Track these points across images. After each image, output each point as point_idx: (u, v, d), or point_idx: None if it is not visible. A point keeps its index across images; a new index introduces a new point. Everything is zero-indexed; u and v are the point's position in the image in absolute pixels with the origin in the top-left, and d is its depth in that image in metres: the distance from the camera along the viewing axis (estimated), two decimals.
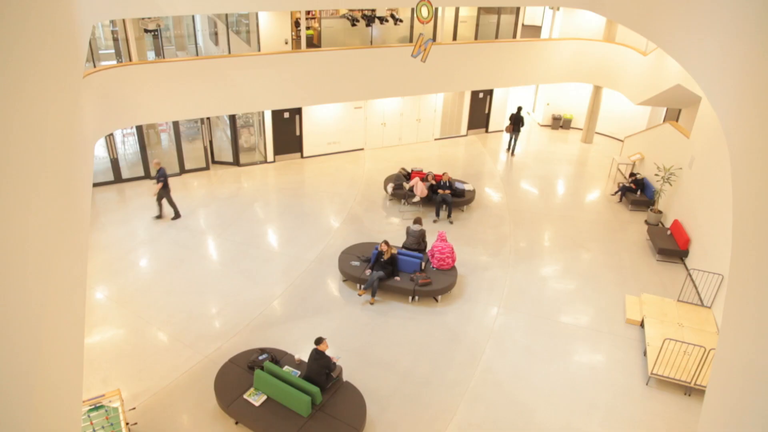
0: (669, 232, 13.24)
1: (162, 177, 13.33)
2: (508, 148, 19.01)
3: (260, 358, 8.75)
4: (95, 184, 14.86)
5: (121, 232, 13.16)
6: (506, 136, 19.83)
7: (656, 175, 14.47)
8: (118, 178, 15.47)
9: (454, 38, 18.06)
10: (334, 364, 8.45)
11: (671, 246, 12.76)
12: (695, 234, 12.44)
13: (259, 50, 15.07)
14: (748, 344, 4.41)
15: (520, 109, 18.65)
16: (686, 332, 10.04)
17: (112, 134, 14.90)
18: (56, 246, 4.30)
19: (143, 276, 11.68)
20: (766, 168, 5.03)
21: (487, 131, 20.36)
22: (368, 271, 11.10)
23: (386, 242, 11.14)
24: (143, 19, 14.69)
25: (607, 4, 14.27)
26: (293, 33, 15.64)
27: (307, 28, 16.11)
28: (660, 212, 14.34)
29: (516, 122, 18.48)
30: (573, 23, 18.99)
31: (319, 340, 8.31)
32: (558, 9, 19.11)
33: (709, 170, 12.18)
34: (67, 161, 5.46)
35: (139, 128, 15.30)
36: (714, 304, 10.75)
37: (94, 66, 13.67)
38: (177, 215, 13.82)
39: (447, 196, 14.16)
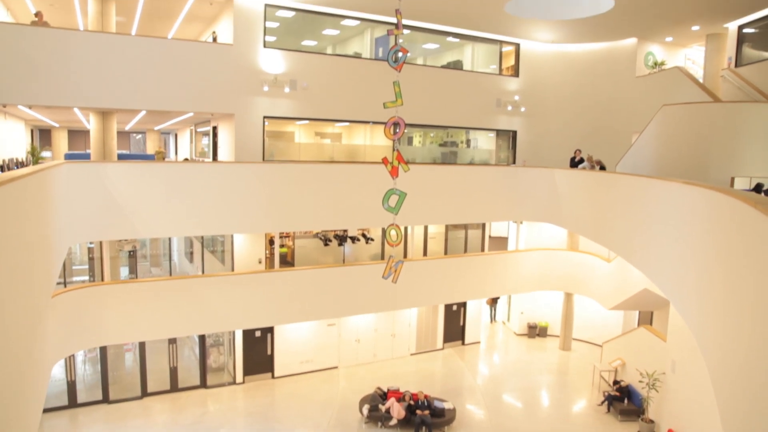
0: None
1: None
2: (491, 319, 22.42)
3: None
4: (45, 410, 13.71)
5: None
6: (487, 307, 22.34)
7: (640, 381, 14.03)
8: (72, 403, 14.36)
9: (425, 254, 18.72)
10: None
11: None
12: None
13: (233, 269, 15.28)
14: None
15: None
16: None
17: (73, 354, 14.22)
18: None
19: None
20: (744, 371, 4.86)
21: (463, 343, 20.04)
22: None
23: None
24: (120, 240, 15.07)
25: (566, 218, 15.31)
26: (267, 251, 16.07)
27: (281, 245, 16.62)
28: (652, 421, 13.58)
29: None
30: (537, 233, 20.01)
31: None
32: (521, 222, 20.31)
33: (692, 373, 11.86)
34: (18, 388, 5.02)
35: (103, 348, 14.68)
36: None
37: (65, 285, 13.58)
38: None
39: (426, 417, 13.33)
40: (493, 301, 22.47)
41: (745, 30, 15.82)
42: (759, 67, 15.09)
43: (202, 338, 15.94)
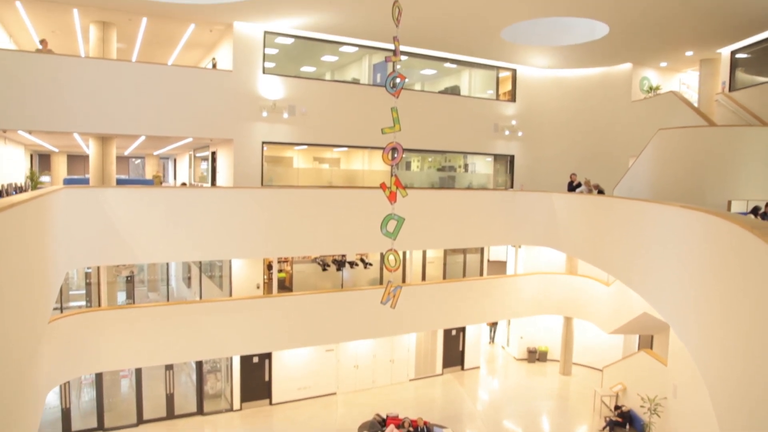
0: None
1: None
2: (491, 340, 22.69)
3: None
4: None
5: None
6: (486, 328, 22.65)
7: (642, 406, 13.88)
8: (67, 431, 14.11)
9: (423, 278, 18.67)
10: None
11: None
12: None
13: (231, 295, 15.21)
14: None
15: None
16: None
17: (68, 381, 14.06)
18: None
19: None
20: (743, 394, 4.83)
21: (462, 369, 19.86)
22: None
23: None
24: (117, 265, 15.02)
25: (564, 242, 15.33)
26: (265, 276, 16.02)
27: (279, 270, 16.58)
28: None
29: None
30: (536, 257, 19.98)
31: None
32: (520, 246, 20.29)
33: (694, 398, 11.73)
34: (11, 416, 4.96)
35: (98, 374, 14.51)
36: None
37: (62, 311, 13.50)
38: None
39: None
40: (493, 322, 22.55)
41: (738, 55, 16.05)
42: (752, 92, 15.27)
43: (199, 364, 15.79)
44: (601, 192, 15.31)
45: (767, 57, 15.28)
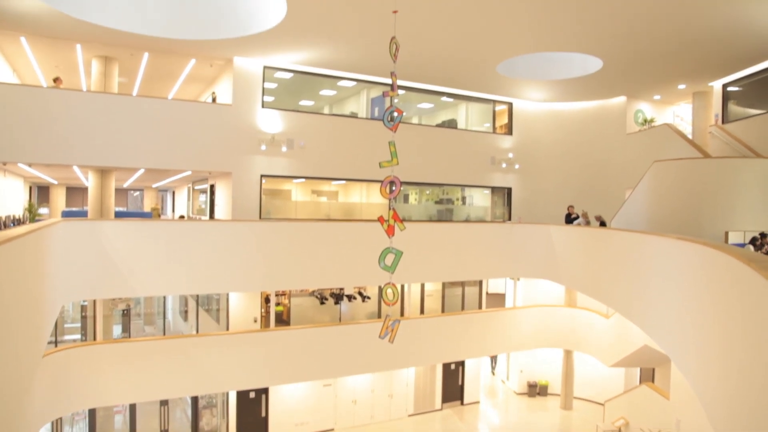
0: None
1: None
2: (492, 371, 22.66)
3: None
4: None
5: None
6: (488, 361, 22.84)
7: None
8: None
9: (422, 311, 18.54)
10: None
11: None
12: None
13: (228, 328, 15.07)
14: None
15: None
16: None
17: (60, 417, 13.80)
18: None
19: None
20: (745, 427, 4.78)
21: (462, 403, 19.57)
22: None
23: None
24: (114, 299, 14.92)
25: (563, 274, 15.29)
26: (263, 309, 15.90)
27: (277, 304, 16.48)
28: None
29: None
30: (533, 289, 19.88)
31: None
32: (518, 279, 20.22)
33: None
34: None
35: (91, 410, 14.25)
36: None
37: (56, 345, 13.33)
38: None
39: None
40: (494, 355, 22.42)
41: (729, 88, 16.31)
42: (745, 124, 15.47)
43: (194, 399, 15.54)
44: (603, 223, 15.35)
45: (758, 90, 15.54)
